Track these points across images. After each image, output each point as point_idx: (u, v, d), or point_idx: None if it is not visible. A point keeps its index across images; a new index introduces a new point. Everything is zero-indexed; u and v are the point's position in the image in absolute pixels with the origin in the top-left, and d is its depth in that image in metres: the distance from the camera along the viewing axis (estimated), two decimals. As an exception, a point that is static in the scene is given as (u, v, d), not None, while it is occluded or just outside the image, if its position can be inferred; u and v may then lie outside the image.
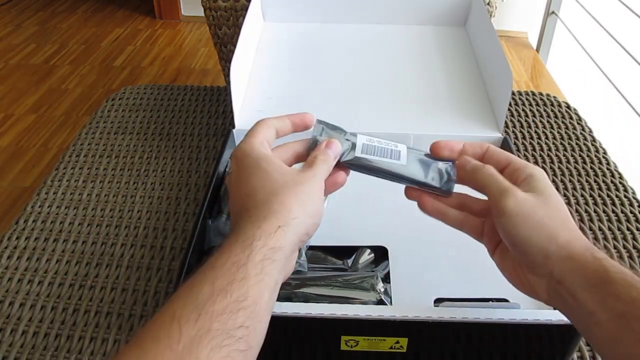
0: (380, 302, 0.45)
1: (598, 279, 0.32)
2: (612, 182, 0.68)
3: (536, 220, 0.35)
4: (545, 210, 0.35)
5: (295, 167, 0.38)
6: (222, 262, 0.31)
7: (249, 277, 0.31)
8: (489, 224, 0.40)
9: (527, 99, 0.85)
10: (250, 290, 0.30)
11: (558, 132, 0.77)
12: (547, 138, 0.76)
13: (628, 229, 0.61)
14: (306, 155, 0.39)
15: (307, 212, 0.35)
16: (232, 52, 0.65)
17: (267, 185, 0.35)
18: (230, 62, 0.63)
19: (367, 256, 0.50)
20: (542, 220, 0.35)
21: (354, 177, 0.60)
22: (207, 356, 0.27)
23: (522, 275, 0.37)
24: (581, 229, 0.61)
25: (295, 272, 0.48)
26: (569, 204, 0.65)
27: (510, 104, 0.83)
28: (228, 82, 0.77)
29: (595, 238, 0.60)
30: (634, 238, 0.60)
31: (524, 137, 0.76)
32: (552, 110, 0.82)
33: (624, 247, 0.59)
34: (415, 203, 0.42)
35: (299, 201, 0.35)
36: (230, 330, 0.29)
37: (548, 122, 0.80)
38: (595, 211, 0.64)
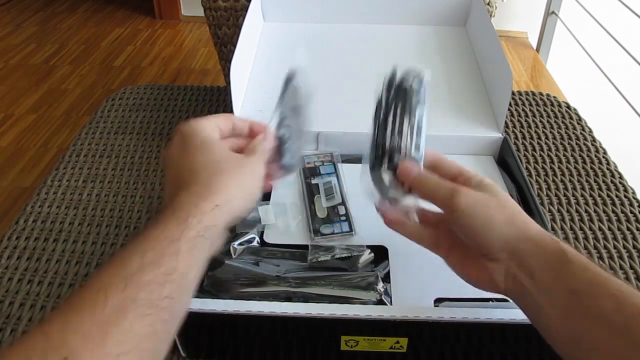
0: (380, 302, 0.45)
1: (556, 259, 0.35)
2: (612, 182, 0.68)
3: (490, 209, 0.37)
4: (496, 202, 0.38)
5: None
6: (155, 234, 0.32)
7: (180, 252, 0.32)
8: (443, 232, 0.42)
9: (527, 99, 0.85)
10: (179, 265, 0.31)
11: (558, 132, 0.77)
12: (547, 138, 0.76)
13: (628, 229, 0.61)
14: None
15: (244, 195, 0.37)
16: (232, 52, 0.65)
17: (211, 165, 0.36)
18: (230, 62, 0.63)
19: (367, 256, 0.50)
20: (496, 208, 0.37)
21: (354, 176, 0.60)
22: (130, 323, 0.28)
23: (480, 268, 0.39)
24: (581, 229, 0.61)
25: (297, 270, 0.48)
26: (569, 203, 0.65)
27: (510, 104, 0.83)
28: (228, 82, 0.77)
29: (595, 238, 0.60)
30: (634, 238, 0.60)
31: (524, 137, 0.76)
32: (552, 110, 0.82)
33: (624, 247, 0.59)
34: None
35: (238, 184, 0.36)
36: (155, 300, 0.30)
37: (548, 122, 0.80)
38: (595, 211, 0.64)
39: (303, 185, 0.59)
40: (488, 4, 0.91)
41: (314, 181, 0.59)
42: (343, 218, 0.54)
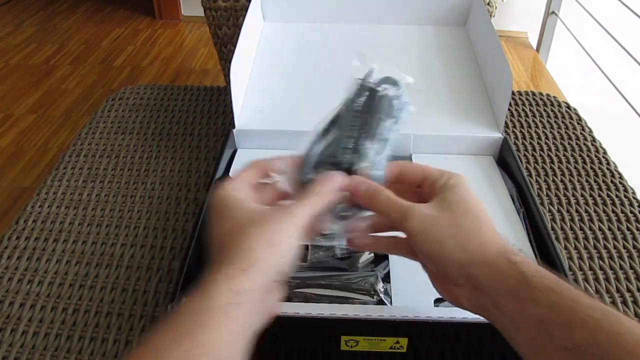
0: (380, 302, 0.45)
1: (515, 284, 0.32)
2: (612, 182, 0.68)
3: (442, 233, 0.34)
4: (451, 220, 0.35)
5: (281, 203, 0.36)
6: (183, 310, 0.30)
7: (209, 324, 0.29)
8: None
9: (527, 99, 0.85)
10: (209, 337, 0.29)
11: (558, 132, 0.77)
12: (547, 138, 0.76)
13: (628, 229, 0.61)
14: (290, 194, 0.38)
15: (275, 253, 0.33)
16: (232, 52, 0.65)
17: (232, 228, 0.34)
18: (230, 62, 0.63)
19: (367, 256, 0.50)
20: (449, 231, 0.34)
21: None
22: None
23: (446, 287, 0.37)
24: (581, 229, 0.61)
25: (297, 270, 0.48)
26: (569, 203, 0.65)
27: (510, 104, 0.83)
28: (228, 82, 0.77)
29: (595, 238, 0.60)
30: (634, 238, 0.60)
31: (524, 137, 0.76)
32: (552, 110, 0.82)
33: (624, 247, 0.59)
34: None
35: (265, 241, 0.33)
36: None
37: (548, 122, 0.80)
38: (595, 211, 0.64)
39: None
40: (488, 4, 0.91)
41: None
42: None
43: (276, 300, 0.36)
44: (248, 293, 0.31)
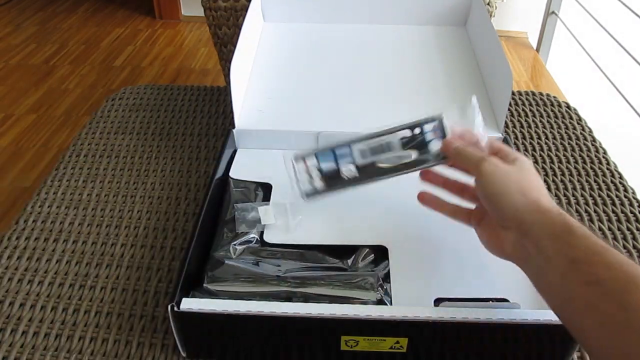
0: (380, 302, 0.45)
1: (560, 230, 0.37)
2: (612, 182, 0.68)
3: (509, 178, 0.42)
4: (518, 174, 0.42)
5: None
6: None
7: None
8: (470, 200, 0.48)
9: (527, 99, 0.85)
10: None
11: (558, 132, 0.77)
12: (547, 138, 0.76)
13: (628, 229, 0.61)
14: None
15: None
16: (232, 52, 0.65)
17: None
18: (230, 62, 0.63)
19: (367, 256, 0.50)
20: (515, 178, 0.41)
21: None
22: None
23: (494, 235, 0.44)
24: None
25: (297, 270, 0.48)
26: (569, 203, 0.65)
27: (510, 104, 0.83)
28: (228, 82, 0.77)
29: (595, 238, 0.60)
30: (634, 238, 0.60)
31: (524, 137, 0.76)
32: (552, 110, 0.82)
33: (624, 247, 0.59)
34: (415, 201, 0.50)
35: None
36: None
37: (548, 122, 0.80)
38: (595, 211, 0.64)
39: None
40: (488, 4, 0.91)
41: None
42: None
43: None
44: None
